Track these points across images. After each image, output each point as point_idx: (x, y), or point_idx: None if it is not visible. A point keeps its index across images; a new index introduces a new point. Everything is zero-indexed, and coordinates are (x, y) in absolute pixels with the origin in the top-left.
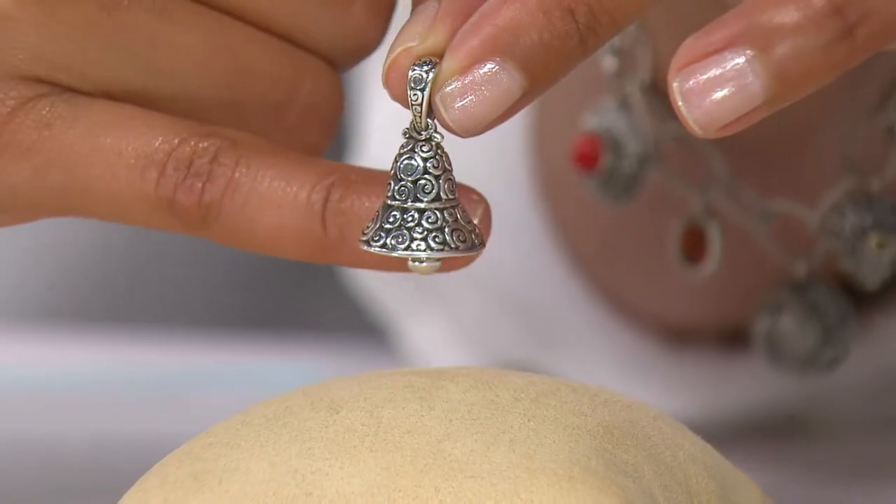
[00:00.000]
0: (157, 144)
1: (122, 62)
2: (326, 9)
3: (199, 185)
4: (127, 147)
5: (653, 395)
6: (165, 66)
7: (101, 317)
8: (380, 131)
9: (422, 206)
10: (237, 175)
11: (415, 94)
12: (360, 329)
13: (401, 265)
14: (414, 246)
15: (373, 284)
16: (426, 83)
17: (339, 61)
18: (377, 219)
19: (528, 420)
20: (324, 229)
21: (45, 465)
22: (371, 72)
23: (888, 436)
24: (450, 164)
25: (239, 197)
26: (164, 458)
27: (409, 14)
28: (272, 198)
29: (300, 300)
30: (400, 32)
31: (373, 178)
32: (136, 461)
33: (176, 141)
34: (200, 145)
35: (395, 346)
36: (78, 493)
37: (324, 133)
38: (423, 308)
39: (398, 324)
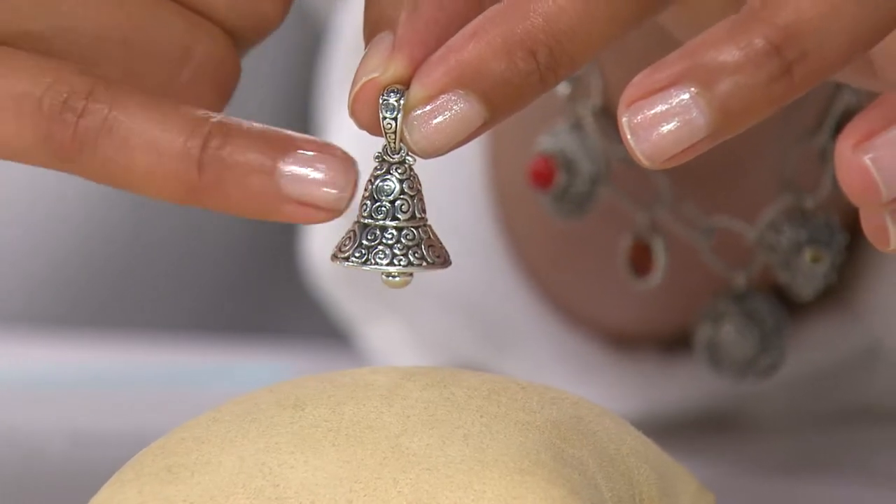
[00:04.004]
0: (34, 83)
1: (20, 8)
2: None
3: (74, 119)
4: (6, 87)
5: (597, 394)
6: (61, 15)
7: (79, 320)
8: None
9: (400, 224)
10: (114, 113)
11: (387, 122)
12: (324, 332)
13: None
14: (395, 261)
15: (335, 291)
16: (398, 110)
17: (238, 32)
18: (354, 237)
19: (481, 416)
20: (199, 173)
21: (28, 459)
22: (335, 99)
23: (815, 432)
24: (420, 185)
25: (116, 135)
26: (140, 453)
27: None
28: (148, 139)
29: (268, 306)
30: (361, 64)
31: (255, 134)
32: (113, 455)
33: (52, 80)
34: (75, 83)
35: (356, 348)
36: (59, 486)
37: (217, 95)
38: (383, 313)
39: (359, 327)
